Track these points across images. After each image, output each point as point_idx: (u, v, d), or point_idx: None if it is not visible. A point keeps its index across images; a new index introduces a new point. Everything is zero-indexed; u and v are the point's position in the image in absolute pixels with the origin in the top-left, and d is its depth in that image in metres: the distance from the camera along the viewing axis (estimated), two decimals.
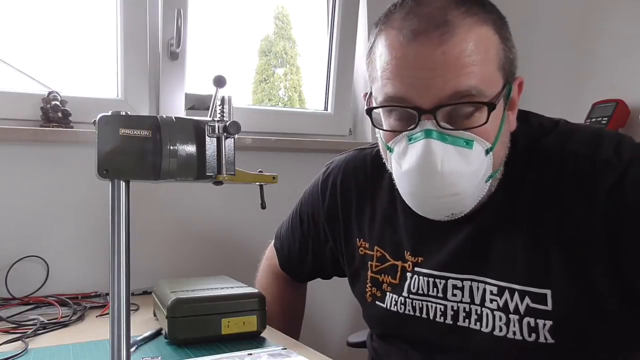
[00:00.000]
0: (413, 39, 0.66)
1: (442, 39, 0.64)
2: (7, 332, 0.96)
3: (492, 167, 0.71)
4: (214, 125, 0.65)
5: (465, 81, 0.65)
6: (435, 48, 0.65)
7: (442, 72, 0.65)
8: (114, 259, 0.62)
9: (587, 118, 1.44)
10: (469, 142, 0.67)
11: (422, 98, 0.66)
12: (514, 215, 0.74)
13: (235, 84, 1.76)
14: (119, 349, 0.62)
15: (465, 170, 0.67)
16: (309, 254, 1.04)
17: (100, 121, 0.61)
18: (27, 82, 1.44)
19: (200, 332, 0.87)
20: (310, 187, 1.04)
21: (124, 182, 0.63)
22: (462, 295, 0.78)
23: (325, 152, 1.63)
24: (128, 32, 1.45)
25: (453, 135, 0.67)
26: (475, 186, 0.70)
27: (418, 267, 0.83)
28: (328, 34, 1.79)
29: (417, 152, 0.67)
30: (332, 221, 0.97)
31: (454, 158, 0.67)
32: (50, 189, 1.31)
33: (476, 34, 0.66)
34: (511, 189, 0.75)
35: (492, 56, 0.68)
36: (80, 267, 1.32)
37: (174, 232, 1.45)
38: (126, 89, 1.46)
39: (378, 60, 0.71)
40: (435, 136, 0.66)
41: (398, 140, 0.71)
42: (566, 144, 0.73)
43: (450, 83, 0.65)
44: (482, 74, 0.66)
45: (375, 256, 0.89)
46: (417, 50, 0.66)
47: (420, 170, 0.68)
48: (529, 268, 0.72)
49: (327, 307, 1.63)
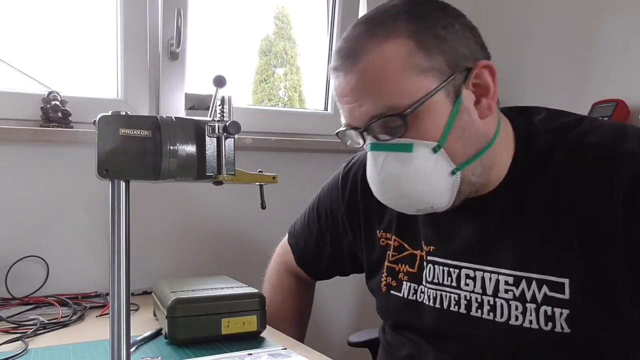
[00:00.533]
0: (334, 74, 0.76)
1: (349, 69, 0.73)
2: (7, 332, 0.96)
3: (454, 161, 0.73)
4: (214, 125, 0.65)
5: (374, 102, 0.72)
6: (346, 77, 0.74)
7: (356, 97, 0.73)
8: (114, 259, 0.62)
9: None
10: (407, 146, 0.72)
11: (355, 120, 0.75)
12: (529, 205, 0.76)
13: (235, 84, 1.76)
14: (119, 349, 0.62)
15: (405, 172, 0.73)
16: (327, 248, 1.05)
17: (100, 121, 0.61)
18: (27, 82, 1.44)
19: (200, 332, 0.87)
20: (330, 182, 1.06)
21: (124, 182, 0.63)
22: (475, 285, 0.80)
23: (325, 152, 1.63)
24: (128, 32, 1.45)
25: (391, 143, 0.73)
26: (432, 183, 0.73)
27: (431, 256, 0.85)
28: (328, 34, 1.79)
29: (368, 162, 0.78)
30: (352, 214, 0.99)
31: (393, 164, 0.73)
32: (50, 189, 1.31)
33: (378, 53, 0.71)
34: (527, 179, 0.76)
35: (404, 66, 0.71)
36: (80, 267, 1.32)
37: (174, 232, 1.45)
38: (126, 89, 1.46)
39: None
40: (375, 148, 0.75)
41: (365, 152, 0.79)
42: (588, 137, 0.75)
43: (364, 108, 0.73)
44: (392, 89, 0.71)
45: (393, 245, 0.91)
46: (337, 83, 0.76)
47: (370, 178, 0.78)
48: (546, 257, 0.73)
49: (328, 306, 1.63)
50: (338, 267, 1.07)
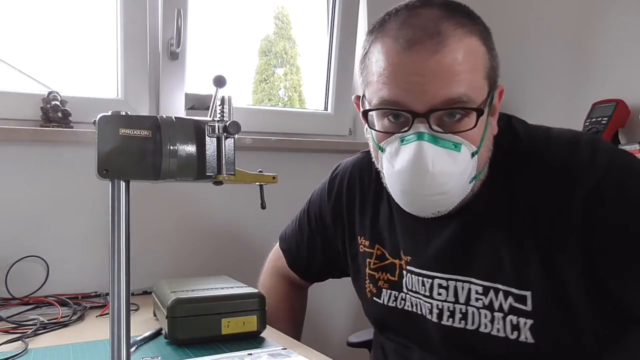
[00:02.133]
0: (409, 48, 0.69)
1: (435, 49, 0.68)
2: (7, 332, 0.96)
3: (477, 169, 0.74)
4: (214, 125, 0.65)
5: (456, 88, 0.69)
6: (429, 56, 0.68)
7: (435, 79, 0.69)
8: (114, 259, 0.62)
9: (587, 118, 1.45)
10: (457, 145, 0.71)
11: (417, 102, 0.70)
12: (496, 216, 0.77)
13: (235, 84, 1.76)
14: (119, 349, 0.62)
15: (454, 171, 0.71)
16: (318, 251, 1.06)
17: (100, 121, 0.61)
18: (27, 82, 1.44)
19: (200, 332, 0.87)
20: (319, 188, 1.07)
21: (124, 182, 0.63)
22: (447, 294, 0.81)
23: (325, 152, 1.63)
24: (128, 32, 1.45)
25: (443, 138, 0.71)
26: (461, 186, 0.73)
27: (409, 266, 0.86)
28: (328, 34, 1.79)
29: (409, 152, 0.71)
30: (336, 220, 1.00)
31: (444, 159, 0.71)
32: (50, 189, 1.31)
33: (465, 44, 0.70)
34: (493, 191, 0.78)
35: (479, 65, 0.72)
36: (80, 267, 1.32)
37: (174, 232, 1.45)
38: (126, 89, 1.46)
39: (374, 65, 0.74)
40: (427, 138, 0.70)
41: (390, 141, 0.74)
42: (545, 148, 0.76)
43: (443, 90, 0.69)
44: (471, 82, 0.70)
45: (375, 254, 0.92)
46: (413, 58, 0.69)
47: (412, 170, 0.71)
48: (511, 269, 0.74)
49: (327, 307, 1.63)
50: (330, 270, 1.08)
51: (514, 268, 0.74)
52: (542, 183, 0.74)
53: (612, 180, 0.70)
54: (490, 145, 0.78)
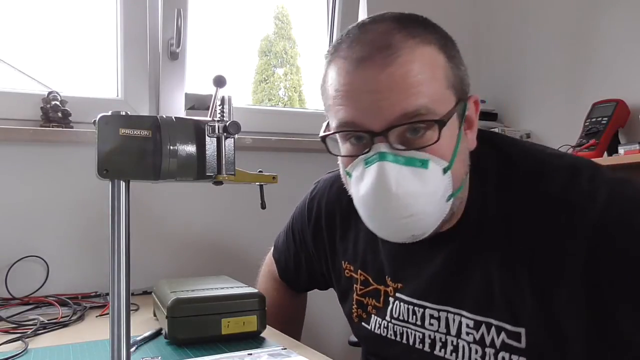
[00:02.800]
0: (359, 65, 0.67)
1: (386, 62, 0.65)
2: (7, 332, 0.96)
3: (453, 186, 0.69)
4: (214, 125, 0.65)
5: (413, 101, 0.65)
6: (380, 71, 0.65)
7: (389, 94, 0.65)
8: (114, 259, 0.62)
9: (587, 118, 1.45)
10: (424, 161, 0.67)
11: (373, 121, 0.67)
12: (489, 245, 0.72)
13: (235, 84, 1.76)
14: (119, 349, 0.62)
15: (422, 191, 0.66)
16: (303, 268, 1.06)
17: (100, 121, 0.61)
18: (27, 82, 1.44)
19: (200, 332, 0.87)
20: (300, 205, 1.05)
21: (124, 182, 0.63)
22: (439, 325, 0.77)
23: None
24: (128, 32, 1.45)
25: (407, 155, 0.67)
26: (434, 206, 0.68)
27: (399, 293, 0.83)
28: (328, 34, 1.79)
29: (372, 175, 0.67)
30: (318, 243, 0.99)
31: (409, 179, 0.66)
32: (50, 189, 1.31)
33: (420, 53, 0.67)
34: (485, 217, 0.73)
35: (438, 75, 0.68)
36: (80, 267, 1.32)
37: (174, 232, 1.45)
38: (126, 89, 1.46)
39: (330, 88, 0.73)
40: (388, 158, 0.66)
41: (355, 164, 0.71)
42: (541, 176, 0.71)
43: (399, 104, 0.65)
44: (430, 93, 0.66)
45: (360, 279, 0.90)
46: (363, 75, 0.66)
47: (375, 194, 0.67)
48: (505, 303, 0.70)
49: (328, 306, 1.62)
50: (315, 284, 1.08)
51: (508, 302, 0.70)
52: (539, 215, 0.69)
53: (616, 215, 0.65)
54: (466, 160, 0.73)
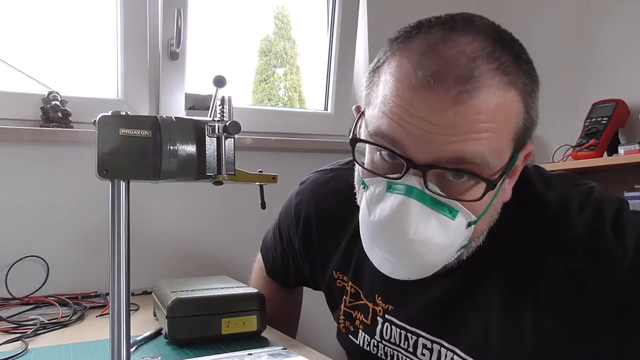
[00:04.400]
0: (427, 86, 0.55)
1: (459, 98, 0.55)
2: (7, 332, 0.96)
3: (469, 239, 0.63)
4: (214, 125, 0.65)
5: (471, 147, 0.56)
6: (449, 105, 0.55)
7: (449, 130, 0.55)
8: (114, 259, 0.62)
9: (587, 118, 1.45)
10: (454, 211, 0.59)
11: (417, 151, 0.57)
12: (493, 286, 0.66)
13: (235, 84, 1.76)
14: (119, 349, 0.62)
15: (440, 242, 0.59)
16: (291, 268, 1.03)
17: (100, 121, 0.61)
18: (27, 82, 1.44)
19: (200, 332, 0.87)
20: (285, 206, 0.99)
21: (124, 182, 0.63)
22: (431, 357, 0.73)
23: (325, 152, 1.63)
24: (128, 32, 1.45)
25: (438, 200, 0.59)
26: (444, 258, 0.62)
27: (389, 315, 0.78)
28: (328, 34, 1.79)
29: (392, 206, 0.58)
30: (308, 249, 0.93)
31: (431, 227, 0.58)
32: (50, 189, 1.31)
33: (500, 98, 0.56)
34: (495, 258, 0.67)
35: (510, 127, 0.59)
36: (80, 267, 1.32)
37: (174, 232, 1.45)
38: (126, 89, 1.46)
39: (382, 86, 0.61)
40: (416, 196, 0.58)
41: (377, 181, 0.62)
42: (562, 220, 0.64)
43: (455, 145, 0.56)
44: (493, 144, 0.57)
45: (350, 292, 0.86)
46: (428, 100, 0.56)
47: (388, 229, 0.59)
48: (502, 351, 0.65)
49: (323, 307, 1.62)
50: (305, 283, 1.06)
51: (504, 348, 0.64)
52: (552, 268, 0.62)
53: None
54: (495, 215, 0.65)
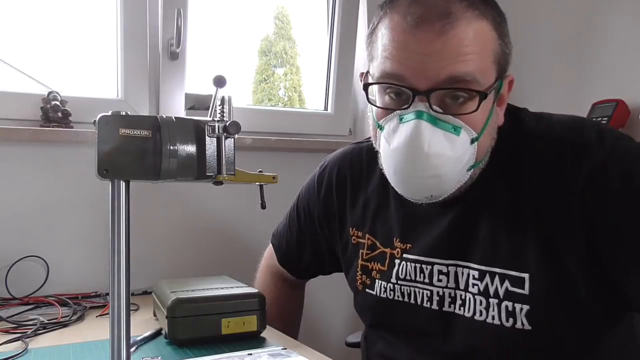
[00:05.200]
0: (416, 26, 0.68)
1: (443, 30, 0.67)
2: (7, 332, 0.96)
3: (476, 157, 0.73)
4: (214, 125, 0.65)
5: (461, 67, 0.68)
6: (436, 37, 0.68)
7: (439, 57, 0.68)
8: (114, 259, 0.62)
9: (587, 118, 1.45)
10: (457, 128, 0.70)
11: (418, 80, 0.69)
12: (496, 199, 0.76)
13: (235, 84, 1.76)
14: (119, 349, 0.62)
15: (450, 155, 0.70)
16: (307, 247, 1.05)
17: (100, 121, 0.61)
18: (27, 82, 1.44)
19: (200, 332, 0.87)
20: (307, 182, 1.06)
21: (124, 182, 0.63)
22: (448, 280, 0.80)
23: (325, 152, 1.61)
24: (128, 32, 1.45)
25: (443, 119, 0.70)
26: (457, 172, 0.72)
27: (406, 254, 0.85)
28: (328, 34, 1.79)
29: (406, 131, 0.70)
30: (327, 213, 0.99)
31: (441, 141, 0.69)
32: (50, 189, 1.31)
33: (475, 27, 0.69)
34: (495, 175, 0.77)
35: (488, 50, 0.71)
36: (80, 267, 1.32)
37: (174, 232, 1.45)
38: (126, 89, 1.46)
39: (380, 40, 0.74)
40: (425, 118, 0.69)
41: (389, 119, 0.73)
42: (547, 130, 0.76)
43: (446, 68, 0.68)
44: (478, 64, 0.69)
45: (367, 244, 0.91)
46: (418, 37, 0.68)
47: (407, 149, 0.70)
48: (509, 251, 0.74)
49: (325, 307, 1.63)
50: (319, 265, 1.07)
51: (512, 250, 0.73)
52: (545, 165, 0.73)
53: (618, 163, 0.69)
54: (493, 134, 0.77)
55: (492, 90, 0.72)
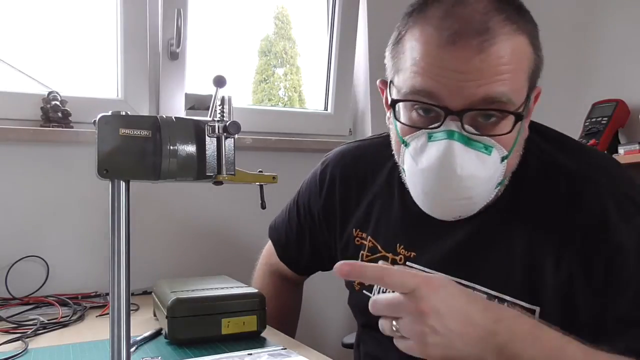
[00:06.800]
0: (452, 43, 0.65)
1: (481, 47, 0.64)
2: (7, 332, 0.96)
3: (504, 174, 0.71)
4: (214, 125, 0.65)
5: (497, 87, 0.65)
6: (473, 55, 0.64)
7: (476, 76, 0.65)
8: (114, 259, 0.62)
9: (587, 118, 1.45)
10: (489, 147, 0.68)
11: (452, 99, 0.66)
12: (514, 224, 0.74)
13: (235, 84, 1.76)
14: (119, 349, 0.62)
15: (482, 175, 0.68)
16: (306, 244, 1.04)
17: (100, 121, 0.61)
18: (27, 82, 1.44)
19: (200, 332, 0.87)
20: (308, 178, 1.04)
21: (124, 182, 0.63)
22: None
23: (325, 152, 1.62)
24: (128, 32, 1.45)
25: (476, 140, 0.67)
26: (487, 191, 0.71)
27: (410, 262, 0.83)
28: (328, 34, 1.79)
29: (437, 151, 0.67)
30: (328, 212, 0.97)
31: (473, 162, 0.67)
32: (50, 189, 1.31)
33: (513, 43, 0.66)
34: (515, 197, 0.75)
35: (524, 67, 0.69)
36: (80, 267, 1.32)
37: (174, 232, 1.45)
38: (126, 89, 1.46)
39: (409, 52, 0.69)
40: (457, 138, 0.66)
41: (417, 135, 0.70)
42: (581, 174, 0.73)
43: (483, 88, 0.65)
44: (514, 83, 0.67)
45: (368, 246, 0.90)
46: (455, 55, 0.65)
47: (439, 171, 0.67)
48: (523, 282, 0.72)
49: (323, 308, 1.62)
50: (318, 261, 1.06)
51: (526, 280, 0.71)
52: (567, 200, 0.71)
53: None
54: (520, 150, 0.74)
55: (525, 109, 0.70)
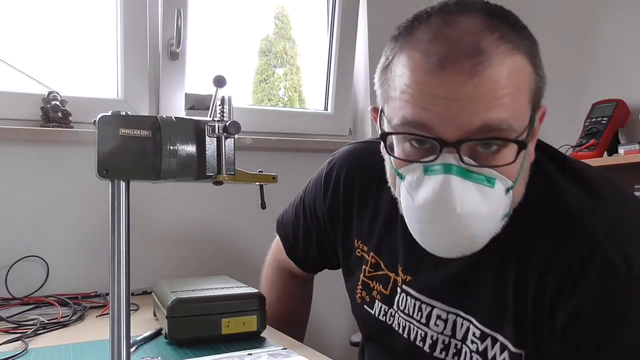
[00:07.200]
0: (441, 68, 0.59)
1: (474, 71, 0.58)
2: (7, 332, 0.96)
3: (510, 206, 0.65)
4: (214, 125, 0.65)
5: (495, 114, 0.59)
6: (466, 80, 0.58)
7: (471, 103, 0.58)
8: (114, 259, 0.62)
9: (587, 118, 1.45)
10: (491, 180, 0.61)
11: (446, 129, 0.60)
12: (509, 258, 0.69)
13: (235, 84, 1.76)
14: (119, 349, 0.62)
15: (485, 212, 0.62)
16: (313, 244, 1.02)
17: (100, 121, 0.61)
18: (27, 82, 1.44)
19: (200, 332, 0.87)
20: (315, 177, 1.00)
21: (124, 182, 0.63)
22: (445, 327, 0.75)
23: (325, 152, 1.61)
24: (128, 32, 1.45)
25: (475, 172, 0.61)
26: (492, 226, 0.65)
27: (406, 286, 0.80)
28: (328, 34, 1.79)
29: (434, 187, 0.61)
30: (332, 217, 0.94)
31: (474, 197, 0.61)
32: (50, 189, 1.31)
33: (510, 64, 0.60)
34: (515, 229, 0.69)
35: (524, 88, 0.62)
36: (80, 267, 1.32)
37: (174, 232, 1.45)
38: (126, 89, 1.46)
39: (398, 79, 0.64)
40: (455, 172, 0.60)
41: (412, 169, 0.64)
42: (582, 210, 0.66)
43: (479, 116, 0.59)
44: (513, 107, 0.60)
45: (370, 262, 0.86)
46: (445, 80, 0.59)
47: (436, 209, 0.61)
48: (513, 322, 0.68)
49: (330, 306, 1.62)
50: (326, 260, 1.04)
51: (516, 321, 0.68)
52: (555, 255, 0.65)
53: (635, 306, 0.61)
54: (526, 177, 0.67)
55: (529, 134, 0.63)
